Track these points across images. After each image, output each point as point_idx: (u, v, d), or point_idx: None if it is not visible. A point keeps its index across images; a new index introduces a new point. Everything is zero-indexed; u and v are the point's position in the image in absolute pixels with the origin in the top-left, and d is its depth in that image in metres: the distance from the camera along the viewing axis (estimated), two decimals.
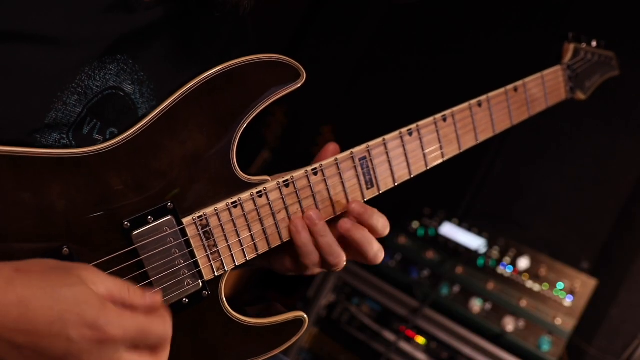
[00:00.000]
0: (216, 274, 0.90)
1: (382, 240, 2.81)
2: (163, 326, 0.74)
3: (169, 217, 0.85)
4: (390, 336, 2.33)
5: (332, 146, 0.98)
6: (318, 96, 3.44)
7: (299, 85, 0.89)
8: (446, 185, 2.93)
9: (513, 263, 2.32)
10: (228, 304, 0.93)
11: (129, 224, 0.82)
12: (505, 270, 2.32)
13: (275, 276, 3.45)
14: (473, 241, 2.42)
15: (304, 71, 0.89)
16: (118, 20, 0.85)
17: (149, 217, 0.83)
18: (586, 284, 2.18)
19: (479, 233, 2.45)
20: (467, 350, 2.17)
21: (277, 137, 3.24)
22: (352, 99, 3.49)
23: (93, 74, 0.86)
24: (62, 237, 0.78)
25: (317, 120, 3.31)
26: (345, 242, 0.96)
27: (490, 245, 2.40)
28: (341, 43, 3.55)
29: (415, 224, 2.56)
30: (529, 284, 2.26)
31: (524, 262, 2.31)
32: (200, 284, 0.89)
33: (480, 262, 2.37)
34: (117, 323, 0.68)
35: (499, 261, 2.35)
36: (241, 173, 0.90)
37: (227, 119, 0.87)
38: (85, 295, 0.68)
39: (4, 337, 0.64)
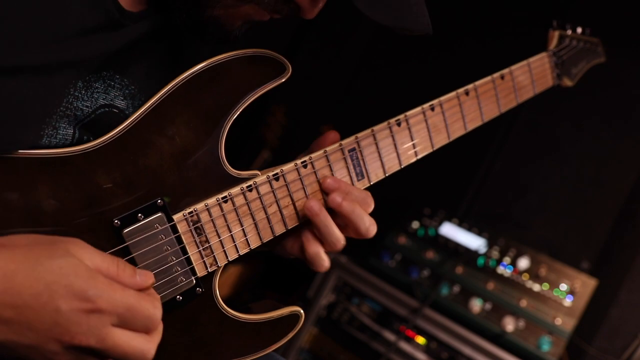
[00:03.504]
0: (209, 270, 0.90)
1: (382, 240, 2.79)
2: (152, 307, 0.73)
3: (160, 214, 0.84)
4: (390, 336, 2.33)
5: (332, 134, 0.98)
6: (318, 96, 3.45)
7: (284, 79, 0.89)
8: (446, 185, 2.93)
9: (513, 263, 2.32)
10: (226, 304, 0.92)
11: (119, 222, 0.81)
12: (505, 270, 2.32)
13: (275, 276, 3.44)
14: (473, 241, 2.42)
15: (289, 65, 0.89)
16: (102, 39, 0.83)
17: (139, 215, 0.83)
18: (586, 284, 2.18)
19: (479, 233, 2.45)
20: (467, 350, 2.17)
21: (277, 137, 3.24)
22: (352, 99, 3.49)
23: (80, 94, 0.85)
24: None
25: (317, 120, 3.31)
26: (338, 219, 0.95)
27: (490, 245, 2.39)
28: (341, 43, 3.55)
29: (415, 224, 2.55)
30: (529, 284, 2.25)
31: (524, 262, 2.30)
32: (194, 281, 0.89)
33: (480, 262, 2.36)
34: (107, 295, 0.68)
35: (499, 261, 2.35)
36: (230, 168, 0.90)
37: (214, 114, 0.87)
38: (73, 266, 0.68)
39: None
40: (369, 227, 0.94)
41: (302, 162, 0.94)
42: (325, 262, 0.95)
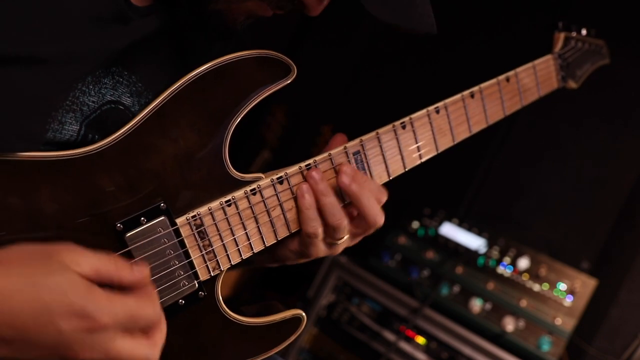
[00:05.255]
0: (212, 274, 0.89)
1: (382, 240, 2.78)
2: (152, 307, 0.73)
3: (162, 217, 0.83)
4: (390, 336, 2.33)
5: (340, 137, 0.98)
6: (318, 96, 3.44)
7: (289, 81, 0.88)
8: (446, 185, 2.93)
9: (513, 263, 2.32)
10: (226, 304, 0.92)
11: (121, 226, 0.80)
12: (505, 270, 2.32)
13: (275, 276, 3.44)
14: (473, 241, 2.42)
15: (294, 66, 0.88)
16: (111, 34, 0.83)
17: (142, 218, 0.82)
18: (586, 284, 2.18)
19: (479, 233, 2.45)
20: (467, 350, 2.17)
21: (277, 137, 3.25)
22: (352, 99, 3.49)
23: (87, 89, 0.84)
24: (54, 242, 0.75)
25: (317, 120, 3.31)
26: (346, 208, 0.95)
27: (490, 245, 2.39)
28: (341, 43, 3.55)
29: (415, 224, 2.55)
30: (529, 284, 2.25)
31: (524, 262, 2.30)
32: (196, 285, 0.88)
33: (480, 262, 2.36)
34: (107, 309, 0.67)
35: (499, 261, 2.35)
36: (234, 171, 0.89)
37: (218, 116, 0.86)
38: (70, 282, 0.67)
39: None
40: (377, 214, 0.94)
41: (306, 165, 0.94)
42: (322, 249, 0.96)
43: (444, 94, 1.21)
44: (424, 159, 1.04)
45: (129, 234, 0.81)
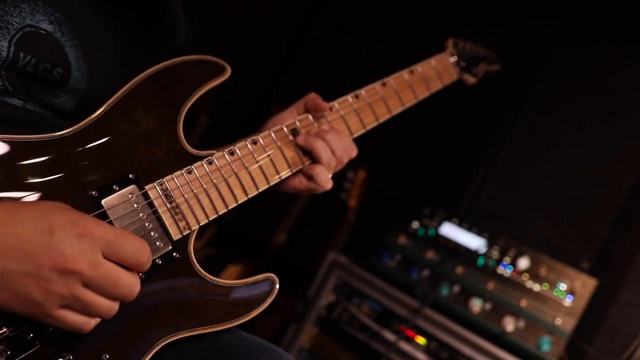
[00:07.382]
0: (183, 234, 0.98)
1: (382, 240, 2.76)
2: (139, 240, 0.81)
3: (133, 185, 0.95)
4: (390, 336, 2.33)
5: (313, 96, 1.18)
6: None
7: (225, 78, 1.06)
8: (446, 185, 2.93)
9: (513, 263, 2.32)
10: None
11: (97, 193, 0.91)
12: (505, 270, 2.32)
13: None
14: (473, 241, 2.42)
15: (228, 66, 1.06)
16: None
17: (114, 186, 0.93)
18: (586, 284, 2.17)
19: (479, 233, 2.45)
20: (467, 350, 2.17)
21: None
22: None
23: (9, 10, 0.92)
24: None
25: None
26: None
27: (490, 245, 2.39)
28: (341, 43, 3.55)
29: (415, 224, 2.56)
30: (529, 284, 2.25)
31: (524, 262, 2.30)
32: (170, 245, 0.97)
33: (480, 262, 2.36)
34: (97, 223, 0.77)
35: (499, 261, 2.35)
36: (191, 148, 1.03)
37: (170, 106, 1.02)
38: (68, 206, 0.78)
39: None
40: (331, 157, 1.15)
41: (252, 140, 1.10)
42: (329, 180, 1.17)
43: (444, 97, 1.23)
44: (355, 135, 1.24)
45: (104, 200, 0.91)
